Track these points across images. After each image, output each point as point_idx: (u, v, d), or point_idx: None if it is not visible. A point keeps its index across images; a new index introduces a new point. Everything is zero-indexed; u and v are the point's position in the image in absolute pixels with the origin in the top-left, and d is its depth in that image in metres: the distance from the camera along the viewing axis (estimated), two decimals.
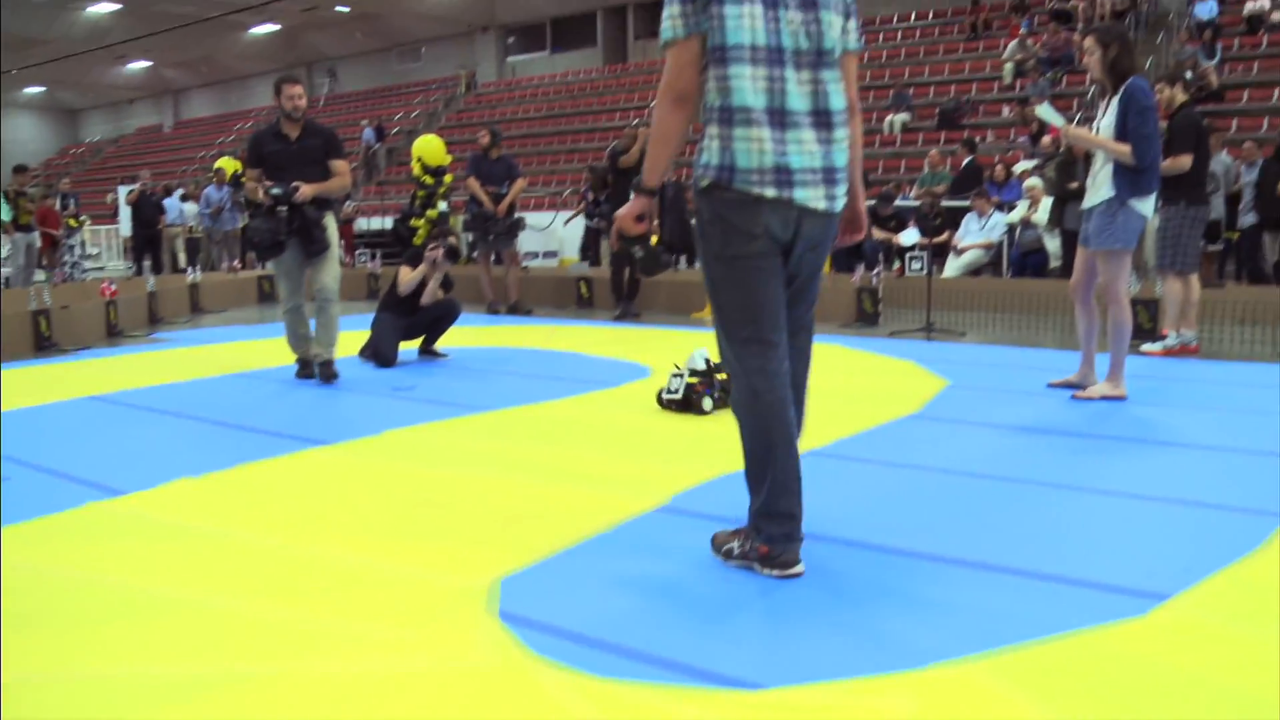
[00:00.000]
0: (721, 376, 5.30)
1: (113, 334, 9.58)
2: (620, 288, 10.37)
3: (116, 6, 29.03)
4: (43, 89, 42.02)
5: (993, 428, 4.97)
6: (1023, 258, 12.04)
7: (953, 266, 12.28)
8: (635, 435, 4.93)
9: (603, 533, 3.32)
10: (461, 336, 9.07)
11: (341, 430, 5.04)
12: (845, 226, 3.22)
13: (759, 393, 2.93)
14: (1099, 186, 5.43)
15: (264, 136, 6.57)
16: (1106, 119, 5.39)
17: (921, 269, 11.75)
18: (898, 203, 13.85)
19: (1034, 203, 11.99)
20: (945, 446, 4.60)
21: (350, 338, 7.61)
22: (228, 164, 15.45)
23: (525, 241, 11.12)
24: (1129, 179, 5.32)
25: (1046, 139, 14.76)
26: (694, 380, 5.34)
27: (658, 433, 4.96)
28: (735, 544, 3.05)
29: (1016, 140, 16.78)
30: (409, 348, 7.64)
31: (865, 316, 9.40)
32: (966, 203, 12.62)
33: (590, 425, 5.18)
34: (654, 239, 3.11)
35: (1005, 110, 18.30)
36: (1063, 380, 5.91)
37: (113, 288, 9.86)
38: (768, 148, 2.83)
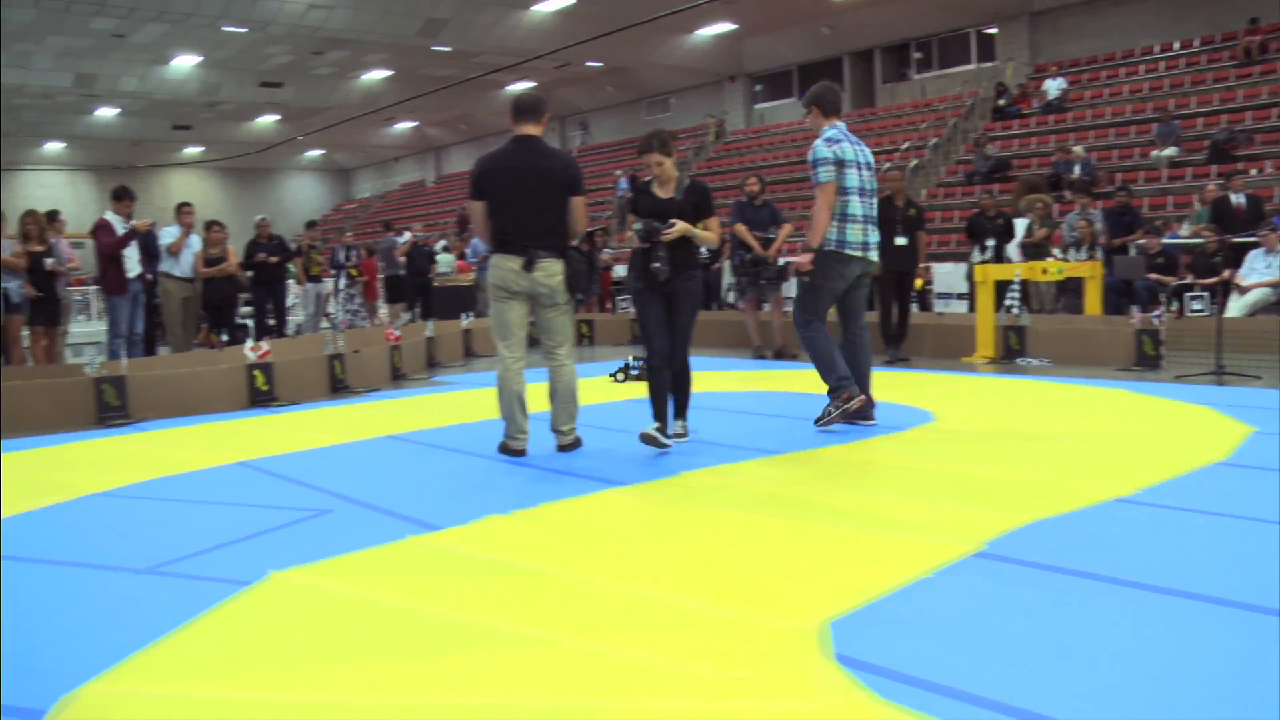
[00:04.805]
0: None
1: (397, 377, 10.21)
2: (889, 331, 10.23)
3: (388, 73, 31.20)
4: (322, 152, 45.62)
5: None
6: None
7: (1235, 306, 11.51)
8: (929, 479, 4.85)
9: (923, 578, 3.28)
10: (731, 381, 9.18)
11: (636, 472, 5.16)
12: None
13: (819, 337, 6.04)
14: None
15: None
16: None
17: (1203, 310, 11.11)
18: (1165, 241, 13.15)
19: None
20: (1271, 496, 4.31)
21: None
22: None
23: (784, 287, 11.17)
24: None
25: None
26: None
27: (951, 477, 4.87)
28: (830, 410, 5.95)
29: None
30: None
31: (1146, 359, 8.94)
32: (1254, 239, 11.82)
33: (881, 469, 5.14)
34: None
35: None
36: None
37: (397, 333, 10.53)
38: (860, 232, 6.04)
